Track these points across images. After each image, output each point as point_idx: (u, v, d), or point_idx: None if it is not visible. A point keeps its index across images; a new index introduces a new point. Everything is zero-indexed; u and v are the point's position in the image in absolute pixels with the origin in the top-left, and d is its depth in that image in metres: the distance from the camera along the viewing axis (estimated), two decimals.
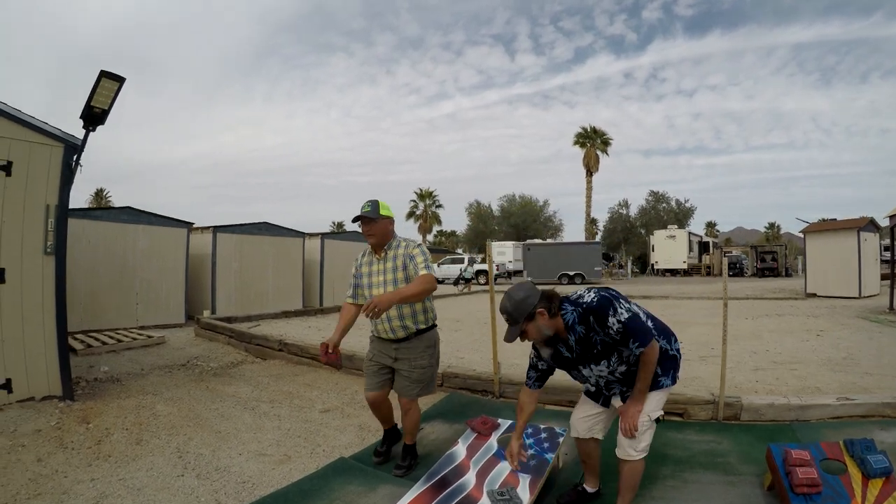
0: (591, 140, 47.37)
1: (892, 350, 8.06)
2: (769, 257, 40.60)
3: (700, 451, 4.18)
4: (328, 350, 3.74)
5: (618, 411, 3.08)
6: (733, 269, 41.78)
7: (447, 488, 3.28)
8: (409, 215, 59.23)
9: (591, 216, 51.74)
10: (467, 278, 27.31)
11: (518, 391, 5.63)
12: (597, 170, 47.59)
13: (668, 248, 41.52)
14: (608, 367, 2.98)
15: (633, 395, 2.97)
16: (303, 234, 16.41)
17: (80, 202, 58.43)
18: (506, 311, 2.93)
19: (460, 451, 3.77)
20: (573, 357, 3.04)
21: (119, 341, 9.28)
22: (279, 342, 8.33)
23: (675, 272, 41.32)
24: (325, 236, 17.56)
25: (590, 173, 47.63)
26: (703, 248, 44.56)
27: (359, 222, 3.79)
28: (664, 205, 62.10)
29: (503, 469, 3.51)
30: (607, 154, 47.99)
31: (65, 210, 5.72)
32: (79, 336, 9.63)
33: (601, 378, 3.07)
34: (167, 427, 5.00)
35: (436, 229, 64.74)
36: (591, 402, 3.31)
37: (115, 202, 67.65)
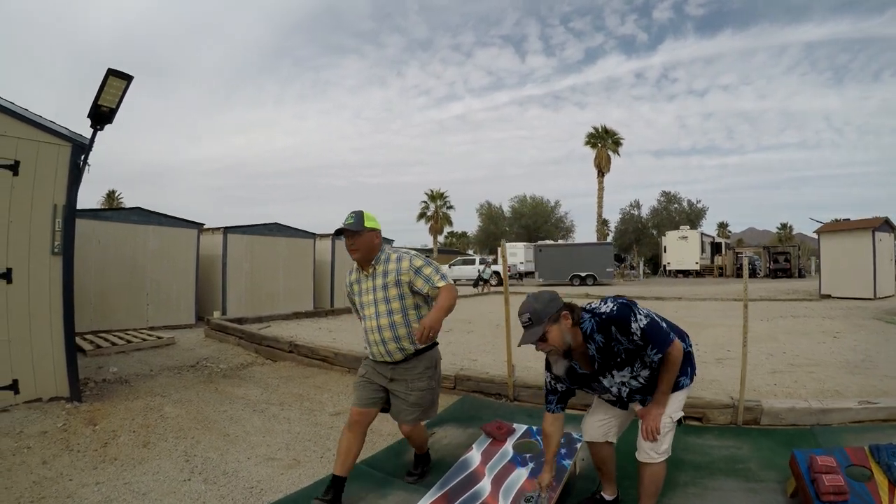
0: (603, 140, 47.17)
1: None
2: (782, 258, 40.39)
3: (720, 456, 4.10)
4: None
5: (637, 414, 3.00)
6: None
7: (462, 496, 3.19)
8: (420, 216, 59.19)
9: (603, 217, 51.53)
10: (485, 279, 27.38)
11: (533, 395, 5.58)
12: (608, 170, 47.39)
13: (681, 249, 41.31)
14: (631, 373, 2.90)
15: (655, 397, 2.89)
16: (313, 235, 16.36)
17: (92, 203, 58.71)
18: (529, 311, 2.81)
19: (475, 457, 3.67)
20: (593, 370, 2.95)
21: (128, 342, 9.26)
22: (289, 343, 8.26)
23: (687, 273, 41.09)
24: (335, 237, 17.45)
25: (601, 174, 47.42)
26: (716, 248, 44.35)
27: (342, 236, 3.45)
28: (676, 205, 61.88)
29: (519, 476, 3.42)
30: (619, 154, 47.76)
31: (72, 210, 5.68)
32: (88, 336, 9.62)
33: (623, 385, 2.97)
34: (175, 429, 4.94)
35: (447, 230, 64.74)
36: (606, 406, 3.22)
37: (127, 203, 68.12)
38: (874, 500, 2.84)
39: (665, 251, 43.09)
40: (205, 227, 13.72)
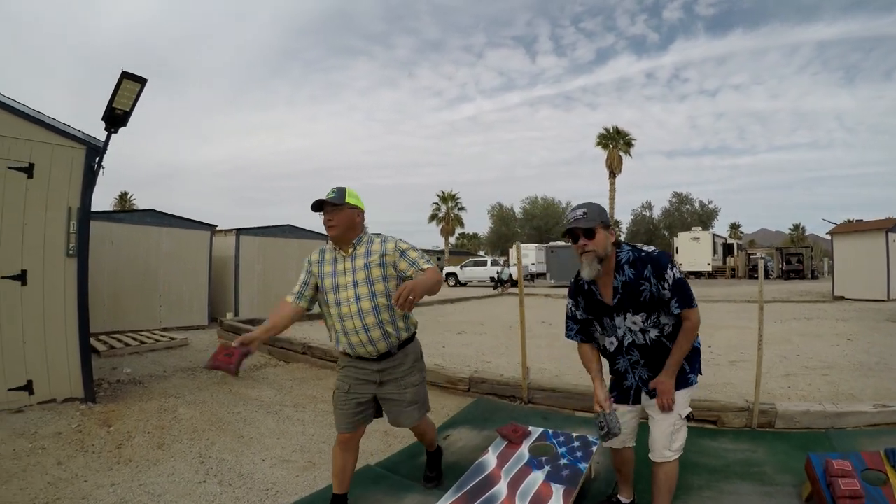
0: (614, 141, 47.03)
1: None
2: (795, 259, 40.19)
3: (735, 460, 4.07)
4: (227, 349, 2.91)
5: (651, 385, 2.89)
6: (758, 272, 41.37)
7: (479, 499, 3.16)
8: (432, 218, 59.26)
9: (615, 218, 51.35)
10: (504, 280, 27.39)
11: (547, 397, 5.56)
12: (620, 171, 47.24)
13: (693, 251, 41.10)
14: (644, 322, 2.85)
15: (667, 366, 2.83)
16: (326, 237, 16.31)
17: (105, 205, 59.10)
18: (587, 207, 2.80)
19: (490, 460, 3.64)
20: (611, 304, 2.90)
21: (142, 343, 9.31)
22: (303, 345, 8.25)
23: (699, 274, 40.87)
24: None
25: (613, 175, 47.28)
26: (728, 250, 44.13)
27: (320, 210, 3.16)
28: (688, 206, 61.78)
29: (535, 479, 3.39)
30: (630, 155, 47.62)
31: (87, 212, 5.70)
32: (101, 337, 9.66)
33: (630, 333, 2.91)
34: (189, 431, 4.94)
35: (458, 232, 64.74)
36: (622, 408, 3.11)
37: (140, 205, 68.54)
38: (889, 503, 2.84)
39: (677, 252, 42.90)
40: (217, 228, 13.76)
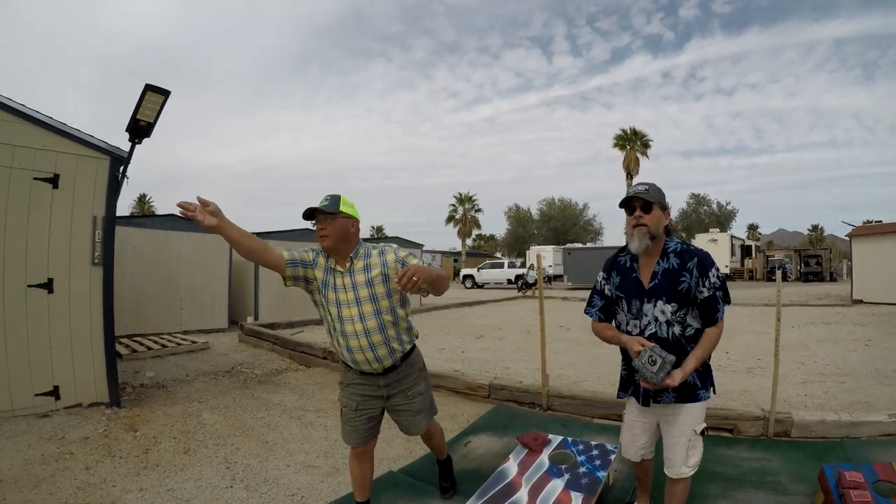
0: (631, 142, 46.83)
1: None
2: (813, 261, 39.85)
3: (750, 469, 4.09)
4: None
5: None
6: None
7: None
8: (449, 220, 59.27)
9: None
10: (530, 283, 27.28)
11: (566, 404, 5.58)
12: (637, 172, 46.98)
13: (710, 253, 40.75)
14: (672, 313, 2.80)
15: (686, 362, 2.75)
16: None
17: (124, 208, 59.54)
18: (649, 185, 2.82)
19: (511, 467, 3.67)
20: (647, 287, 2.86)
21: (164, 346, 9.42)
22: (323, 350, 8.31)
23: None
24: (364, 241, 17.54)
25: (630, 176, 47.02)
26: (746, 251, 43.78)
27: (312, 219, 3.01)
28: (705, 208, 61.41)
29: (555, 487, 3.42)
30: (647, 156, 47.39)
31: (112, 222, 5.79)
32: (123, 340, 9.78)
33: (655, 322, 2.84)
34: (214, 436, 5.01)
35: (475, 233, 64.67)
36: (638, 427, 3.08)
37: (158, 208, 69.13)
38: None
39: None
40: None
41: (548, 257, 37.10)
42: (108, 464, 4.27)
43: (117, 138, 5.82)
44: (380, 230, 72.48)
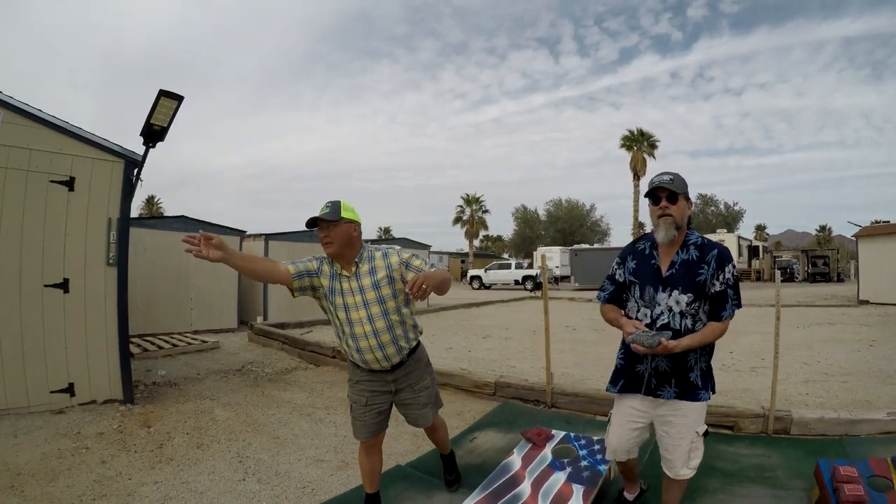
0: (638, 143, 46.73)
1: None
2: (821, 262, 39.75)
3: (749, 464, 4.15)
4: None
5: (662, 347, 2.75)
6: (784, 275, 40.98)
7: (503, 497, 3.30)
8: (456, 220, 59.28)
9: (639, 220, 51.01)
10: (541, 283, 27.20)
11: (570, 402, 5.67)
12: (644, 173, 46.85)
13: None
14: (687, 304, 2.79)
15: (683, 338, 2.75)
16: None
17: (133, 210, 59.94)
18: (674, 176, 2.83)
19: (515, 461, 3.77)
20: (664, 275, 2.85)
21: (174, 346, 9.55)
22: (332, 349, 8.41)
23: None
24: (371, 243, 17.63)
25: (637, 177, 46.94)
26: (753, 252, 43.67)
27: (315, 227, 3.09)
28: (713, 208, 61.34)
29: (557, 479, 3.52)
30: (654, 157, 47.21)
31: (126, 223, 5.91)
32: (135, 340, 9.84)
33: (668, 312, 2.82)
34: (226, 432, 5.12)
35: (482, 234, 64.67)
36: (628, 425, 3.05)
37: (166, 209, 69.45)
38: None
39: None
40: (247, 234, 14.01)
41: (555, 258, 37.10)
42: (124, 458, 4.38)
43: (118, 137, 5.92)
44: (387, 231, 72.56)
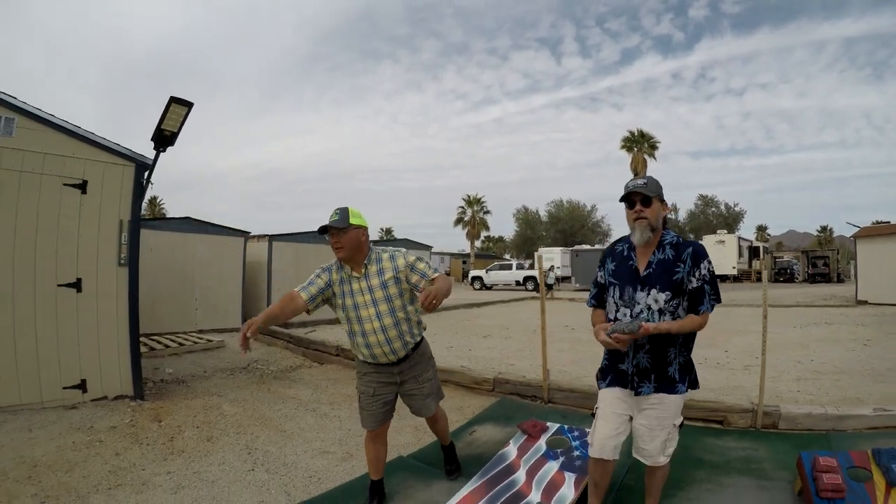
0: (639, 144, 46.81)
1: None
2: (821, 262, 39.83)
3: (737, 457, 4.27)
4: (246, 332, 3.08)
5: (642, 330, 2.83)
6: (784, 275, 41.10)
7: (499, 484, 3.51)
8: (458, 221, 59.30)
9: None
10: (549, 284, 27.18)
11: (566, 397, 5.84)
12: (644, 174, 46.91)
13: (718, 254, 40.55)
14: (665, 302, 2.86)
15: (662, 323, 2.85)
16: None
17: None
18: (648, 179, 2.95)
19: (511, 451, 3.97)
20: (643, 274, 2.92)
21: (180, 345, 9.72)
22: (336, 348, 8.61)
23: (724, 278, 40.38)
24: (374, 244, 17.77)
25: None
26: (754, 253, 43.73)
27: (326, 234, 3.28)
28: (713, 209, 61.40)
29: (551, 468, 3.72)
30: (654, 158, 47.26)
31: (137, 224, 6.10)
32: (142, 339, 9.98)
33: (647, 311, 2.89)
34: (235, 426, 5.30)
35: (483, 235, 64.72)
36: (614, 420, 3.07)
37: (169, 210, 69.62)
38: (870, 499, 3.01)
39: None
40: (251, 235, 14.16)
41: (556, 259, 37.17)
42: (137, 450, 4.56)
43: (118, 137, 6.07)
44: (389, 232, 72.69)
